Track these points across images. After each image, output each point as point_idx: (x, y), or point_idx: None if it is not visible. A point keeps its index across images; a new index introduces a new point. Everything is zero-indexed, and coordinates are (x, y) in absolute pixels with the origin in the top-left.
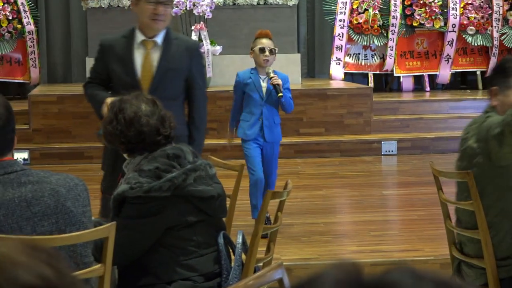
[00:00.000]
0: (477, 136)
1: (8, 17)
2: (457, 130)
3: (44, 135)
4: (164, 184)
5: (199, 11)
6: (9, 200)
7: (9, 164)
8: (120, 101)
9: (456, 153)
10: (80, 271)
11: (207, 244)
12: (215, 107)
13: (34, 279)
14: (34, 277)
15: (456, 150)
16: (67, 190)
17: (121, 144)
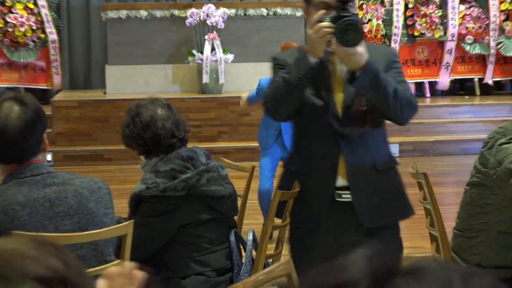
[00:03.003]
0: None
1: (32, 27)
2: (455, 134)
3: (66, 139)
4: (179, 184)
5: (212, 21)
6: (34, 200)
7: (36, 166)
8: (137, 106)
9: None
10: (100, 267)
11: (219, 241)
12: (227, 112)
13: (44, 270)
14: (43, 268)
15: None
16: (90, 192)
17: (138, 146)
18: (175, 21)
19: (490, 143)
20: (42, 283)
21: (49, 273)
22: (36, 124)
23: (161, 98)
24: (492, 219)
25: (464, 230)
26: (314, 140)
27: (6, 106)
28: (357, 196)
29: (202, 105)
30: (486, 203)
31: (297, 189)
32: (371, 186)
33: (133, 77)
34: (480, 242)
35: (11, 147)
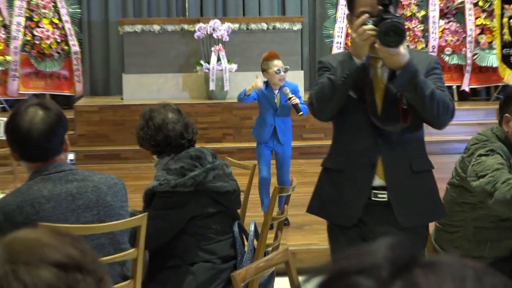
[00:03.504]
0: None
1: (57, 40)
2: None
3: (87, 140)
4: (188, 180)
5: (218, 35)
6: (58, 195)
7: (59, 164)
8: (150, 111)
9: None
10: (117, 255)
11: (224, 231)
12: (231, 116)
13: (61, 257)
14: (60, 255)
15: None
16: (108, 187)
17: (151, 146)
18: (185, 35)
19: (471, 150)
20: (59, 268)
21: (66, 259)
22: (58, 126)
23: (171, 103)
24: (469, 216)
25: (445, 225)
26: (354, 139)
27: (31, 111)
28: (394, 195)
29: (209, 109)
30: (464, 202)
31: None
32: (408, 187)
33: (147, 85)
34: (459, 236)
35: (36, 148)
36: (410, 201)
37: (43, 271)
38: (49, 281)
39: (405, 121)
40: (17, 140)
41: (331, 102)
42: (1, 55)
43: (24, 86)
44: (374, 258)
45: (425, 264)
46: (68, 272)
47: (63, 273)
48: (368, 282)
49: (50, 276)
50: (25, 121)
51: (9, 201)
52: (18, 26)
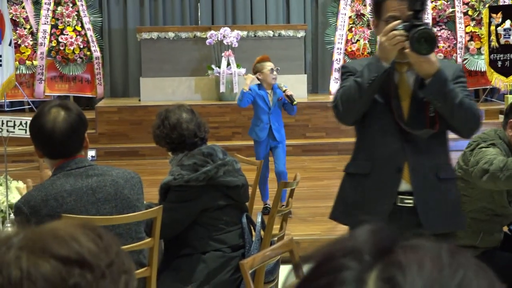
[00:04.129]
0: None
1: (80, 46)
2: None
3: (107, 138)
4: (200, 175)
5: (228, 41)
6: (79, 189)
7: (80, 160)
8: (166, 111)
9: None
10: (135, 244)
11: (233, 223)
12: (240, 116)
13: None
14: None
15: None
16: (125, 181)
17: (166, 144)
18: (197, 41)
19: (473, 146)
20: (59, 261)
21: (69, 254)
22: (79, 125)
23: (185, 104)
24: (467, 208)
25: None
26: (380, 143)
27: (53, 112)
28: (421, 201)
29: (219, 110)
30: (463, 194)
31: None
32: (434, 193)
33: (162, 88)
34: None
35: (59, 146)
36: (436, 208)
37: (43, 262)
38: (44, 272)
39: (433, 127)
40: (41, 139)
41: (357, 105)
42: (29, 60)
43: (49, 89)
44: (357, 242)
45: (405, 245)
46: (66, 265)
47: (61, 265)
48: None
49: (47, 267)
50: (48, 121)
51: (34, 195)
52: (44, 33)
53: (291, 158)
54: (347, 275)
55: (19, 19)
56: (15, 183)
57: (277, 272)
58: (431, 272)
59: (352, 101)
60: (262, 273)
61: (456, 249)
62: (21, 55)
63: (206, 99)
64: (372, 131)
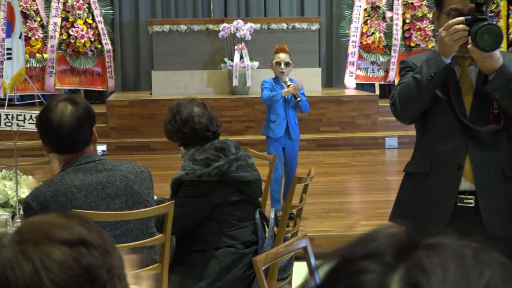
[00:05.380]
0: None
1: (91, 39)
2: None
3: (119, 132)
4: (212, 171)
5: (241, 34)
6: (88, 184)
7: (89, 155)
8: (177, 105)
9: None
10: (146, 240)
11: (246, 218)
12: (253, 110)
13: (66, 234)
14: (65, 233)
15: None
16: (135, 176)
17: (178, 139)
18: (210, 34)
19: None
20: (64, 245)
21: (71, 236)
22: (87, 120)
23: (197, 98)
24: None
25: None
26: (440, 140)
27: (61, 106)
28: (484, 201)
29: (232, 104)
30: None
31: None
32: (499, 192)
33: (174, 81)
34: None
35: (67, 140)
36: (501, 208)
37: (51, 249)
38: (56, 257)
39: (498, 123)
40: (49, 134)
41: (416, 103)
42: (39, 53)
43: (60, 82)
44: (378, 243)
45: (427, 245)
46: (73, 247)
47: (68, 249)
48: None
49: (57, 253)
50: (56, 115)
51: (43, 191)
52: (55, 26)
53: (305, 153)
54: (368, 279)
55: (30, 11)
56: (24, 178)
57: (290, 269)
58: (455, 275)
59: (410, 98)
60: (276, 270)
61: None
62: (31, 48)
63: (218, 93)
64: (432, 127)
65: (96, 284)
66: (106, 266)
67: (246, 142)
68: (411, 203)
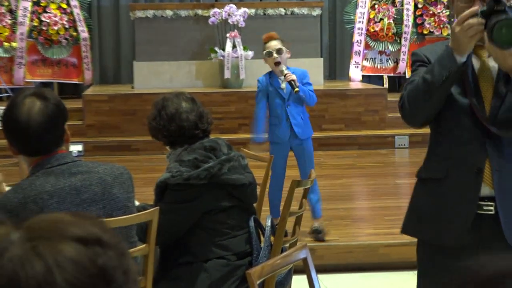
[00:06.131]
0: None
1: (65, 25)
2: None
3: (96, 130)
4: (202, 173)
5: (234, 20)
6: (61, 189)
7: (61, 156)
8: (163, 100)
9: None
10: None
11: (240, 226)
12: (247, 105)
13: (80, 232)
14: (79, 230)
15: None
16: (113, 179)
17: (163, 137)
18: (199, 20)
19: None
20: (78, 242)
21: (85, 234)
22: (57, 117)
23: (185, 92)
24: None
25: None
26: (457, 142)
27: (28, 102)
28: (504, 208)
29: (224, 99)
30: None
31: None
32: None
33: (159, 73)
34: None
35: (36, 141)
36: None
37: (64, 246)
38: (70, 256)
39: None
40: (15, 134)
41: (427, 107)
42: (7, 41)
43: (30, 74)
44: None
45: None
46: (88, 246)
47: (83, 247)
48: None
49: (71, 251)
50: (22, 113)
51: (10, 198)
52: (25, 11)
53: None
54: None
55: None
56: None
57: (289, 283)
58: None
59: (421, 101)
60: (272, 284)
61: None
62: None
63: (208, 86)
64: (448, 128)
65: (112, 286)
66: (122, 268)
67: (239, 141)
68: (425, 213)
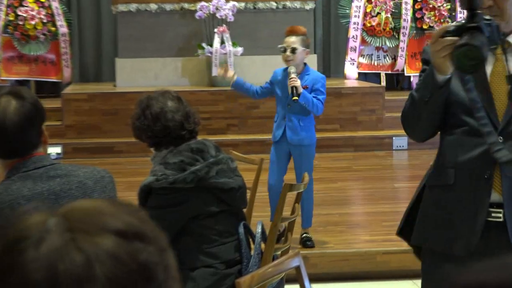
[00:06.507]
0: None
1: (43, 20)
2: None
3: (76, 131)
4: (188, 176)
5: (222, 14)
6: (39, 194)
7: (38, 159)
8: (148, 98)
9: None
10: None
11: (228, 233)
12: (236, 105)
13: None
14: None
15: None
16: (94, 183)
17: (148, 138)
18: (185, 14)
19: None
20: (119, 236)
21: (125, 227)
22: (34, 117)
23: (171, 91)
24: None
25: None
26: (465, 146)
27: (3, 101)
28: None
29: (211, 98)
30: None
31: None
32: None
33: (143, 70)
34: None
35: (12, 142)
36: None
37: (104, 239)
38: (110, 250)
39: None
40: None
41: (420, 124)
42: None
43: (6, 72)
44: None
45: None
46: (128, 240)
47: (123, 241)
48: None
49: (111, 245)
50: None
51: None
52: (0, 5)
53: None
54: None
55: None
56: None
57: None
58: None
59: (412, 119)
60: None
61: None
62: None
63: (195, 84)
64: (455, 131)
65: (152, 284)
66: (163, 264)
67: (228, 142)
68: (434, 221)
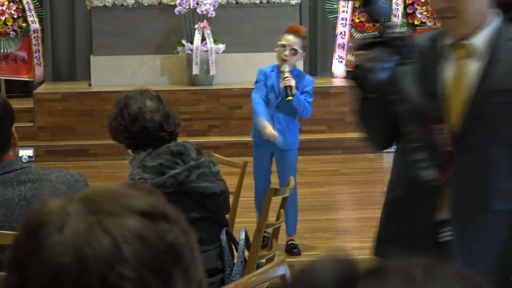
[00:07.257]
0: None
1: (13, 15)
2: None
3: (49, 133)
4: (168, 180)
5: (203, 9)
6: (9, 200)
7: (8, 163)
8: (126, 98)
9: None
10: None
11: (210, 240)
12: (218, 104)
13: (145, 205)
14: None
15: None
16: (68, 187)
17: (125, 139)
18: (164, 10)
19: None
20: (145, 216)
21: (150, 208)
22: (3, 118)
23: (150, 90)
24: None
25: None
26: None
27: None
28: (458, 236)
29: (192, 97)
30: None
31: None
32: (478, 228)
33: (119, 69)
34: None
35: None
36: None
37: (129, 220)
38: (137, 231)
39: None
40: None
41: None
42: None
43: None
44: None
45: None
46: (154, 221)
47: (149, 222)
48: None
49: (137, 225)
50: None
51: None
52: None
53: None
54: None
55: None
56: None
57: None
58: None
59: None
60: None
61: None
62: None
63: (174, 83)
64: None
65: (180, 264)
66: (189, 246)
67: (210, 145)
68: (384, 236)
